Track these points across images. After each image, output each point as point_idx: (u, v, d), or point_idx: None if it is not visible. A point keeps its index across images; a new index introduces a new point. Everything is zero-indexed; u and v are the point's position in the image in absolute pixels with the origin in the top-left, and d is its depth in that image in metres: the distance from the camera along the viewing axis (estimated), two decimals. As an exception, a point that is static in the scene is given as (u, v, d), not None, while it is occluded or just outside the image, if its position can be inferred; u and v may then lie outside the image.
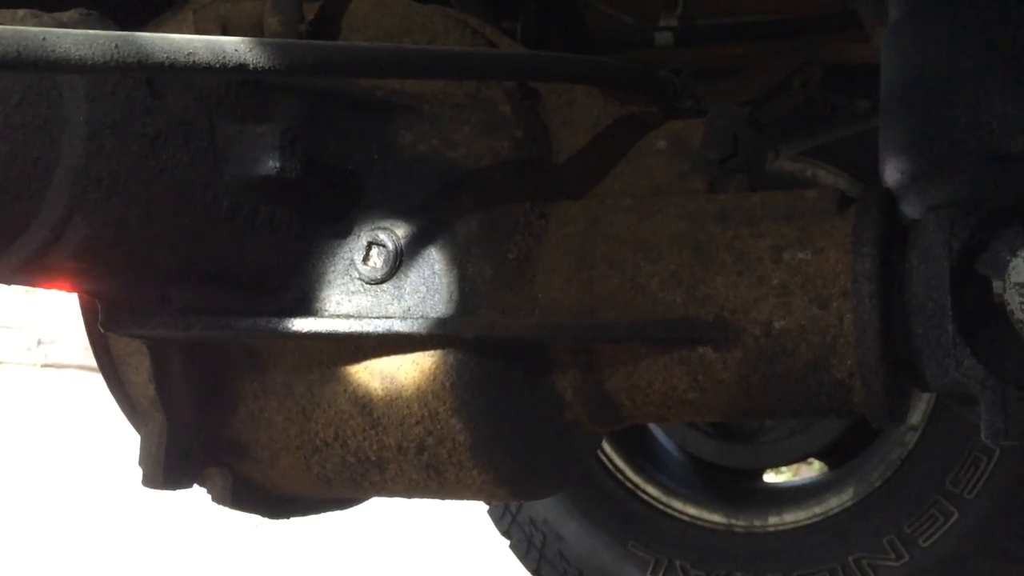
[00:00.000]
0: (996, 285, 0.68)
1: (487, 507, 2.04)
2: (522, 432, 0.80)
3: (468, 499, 0.84)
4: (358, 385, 0.78)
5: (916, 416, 1.74)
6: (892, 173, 0.89)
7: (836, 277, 0.71)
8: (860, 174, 1.79)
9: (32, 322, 5.67)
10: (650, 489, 1.92)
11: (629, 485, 1.93)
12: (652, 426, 2.02)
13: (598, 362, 0.78)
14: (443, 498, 0.85)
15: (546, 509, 1.95)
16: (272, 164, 0.70)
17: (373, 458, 0.80)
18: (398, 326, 0.74)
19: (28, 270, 0.63)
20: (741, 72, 1.67)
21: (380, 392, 0.78)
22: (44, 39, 0.50)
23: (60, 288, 0.69)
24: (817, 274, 0.71)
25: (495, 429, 0.78)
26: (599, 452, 1.86)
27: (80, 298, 0.83)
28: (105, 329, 0.74)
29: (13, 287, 0.73)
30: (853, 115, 1.77)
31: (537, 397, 0.80)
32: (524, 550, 1.99)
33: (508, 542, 2.02)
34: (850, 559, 1.72)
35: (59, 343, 5.60)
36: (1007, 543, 1.64)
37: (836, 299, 0.70)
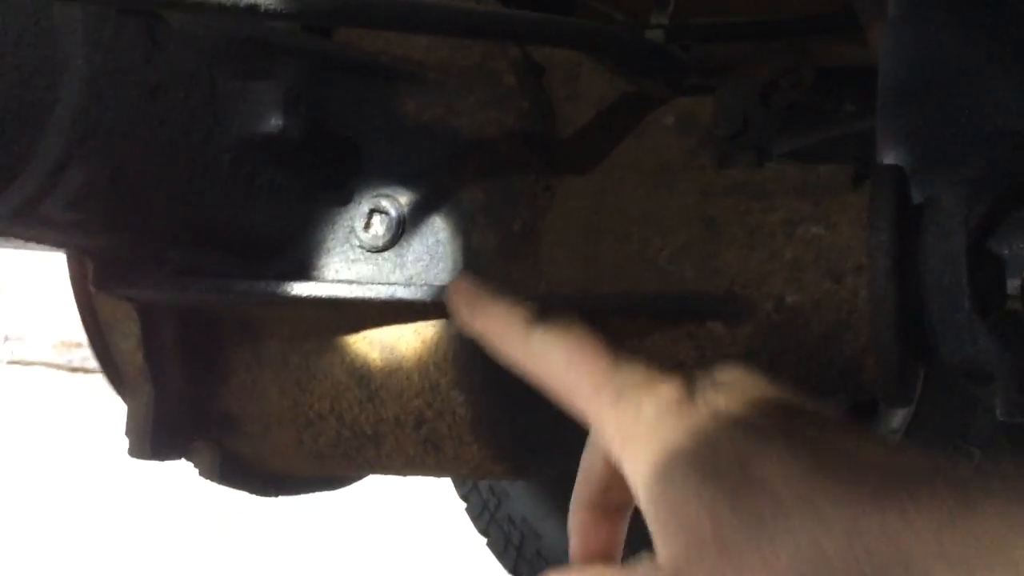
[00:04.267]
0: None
1: (465, 505, 2.02)
2: (524, 407, 0.78)
3: (466, 476, 0.82)
4: (356, 356, 0.76)
5: (897, 420, 1.74)
6: None
7: (850, 252, 0.70)
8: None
9: (-2, 319, 5.57)
10: (630, 489, 1.90)
11: (609, 484, 1.92)
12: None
13: (602, 335, 0.76)
14: (440, 475, 0.83)
15: (525, 507, 1.93)
16: (275, 122, 0.68)
17: (369, 432, 0.78)
18: (401, 292, 0.72)
19: (20, 220, 0.60)
20: (732, 72, 1.67)
21: (379, 363, 0.76)
22: None
23: (53, 244, 0.66)
24: (831, 248, 0.70)
25: (497, 403, 0.76)
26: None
27: (69, 262, 0.80)
28: (96, 288, 0.72)
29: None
30: (840, 118, 1.77)
31: None
32: (502, 548, 1.97)
33: (485, 540, 2.00)
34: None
35: (26, 340, 5.51)
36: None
37: (850, 274, 0.69)
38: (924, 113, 0.85)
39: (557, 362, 0.55)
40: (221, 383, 0.80)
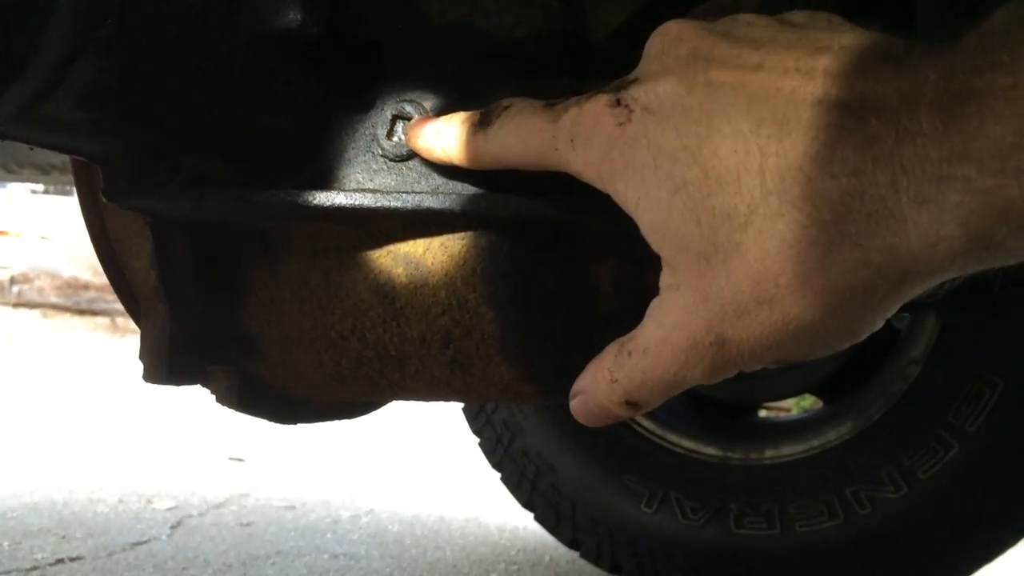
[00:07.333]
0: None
1: (478, 440, 2.01)
2: (555, 325, 0.75)
3: (493, 399, 0.79)
4: (380, 272, 0.73)
5: (918, 349, 1.72)
6: None
7: None
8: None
9: (4, 262, 5.57)
10: (645, 422, 1.89)
11: (624, 418, 1.90)
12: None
13: (639, 251, 0.73)
14: (465, 399, 0.80)
15: (539, 441, 1.92)
16: (293, 16, 0.64)
17: (393, 352, 0.75)
18: (428, 202, 0.68)
19: (26, 119, 0.56)
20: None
21: (404, 279, 0.72)
22: None
23: (61, 148, 0.62)
24: None
25: (527, 320, 0.73)
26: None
27: (77, 177, 0.76)
28: (107, 198, 0.68)
29: None
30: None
31: (572, 287, 0.75)
32: (516, 482, 1.96)
33: (499, 475, 1.99)
34: (847, 491, 1.71)
35: (33, 282, 5.50)
36: (1007, 476, 1.63)
37: None
38: (978, 9, 0.80)
39: (515, 146, 0.60)
40: (238, 303, 0.76)
